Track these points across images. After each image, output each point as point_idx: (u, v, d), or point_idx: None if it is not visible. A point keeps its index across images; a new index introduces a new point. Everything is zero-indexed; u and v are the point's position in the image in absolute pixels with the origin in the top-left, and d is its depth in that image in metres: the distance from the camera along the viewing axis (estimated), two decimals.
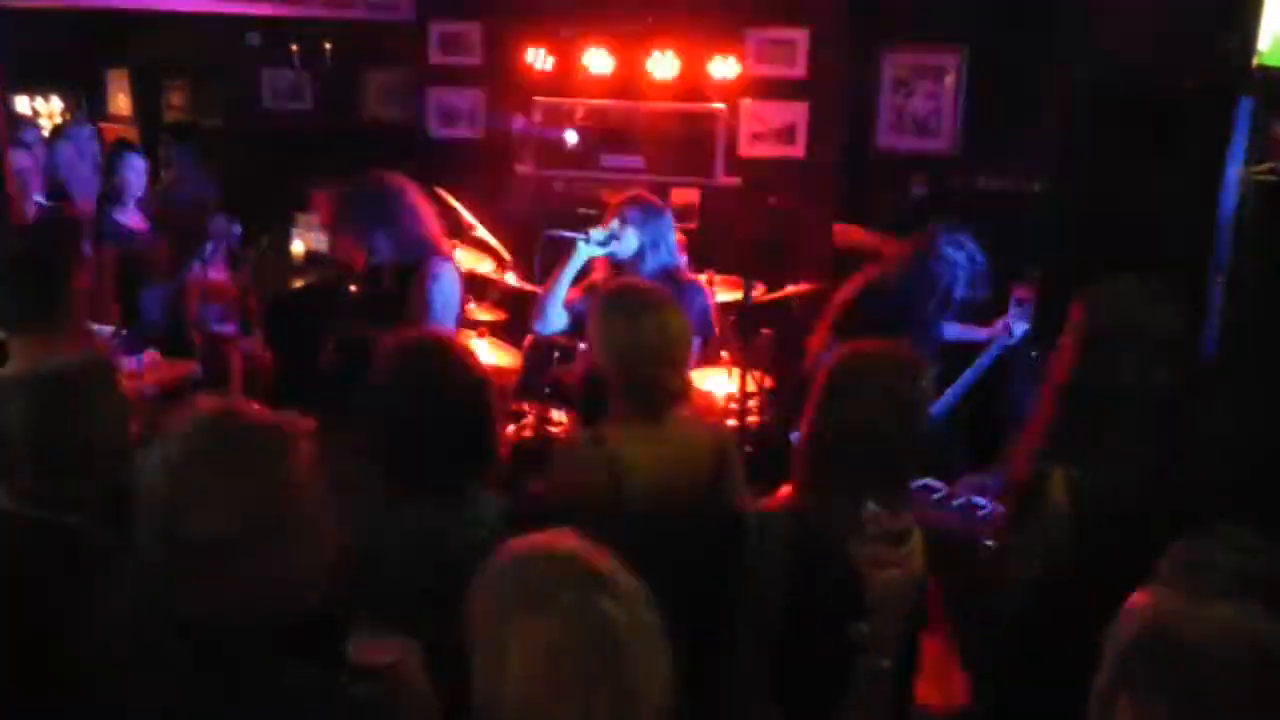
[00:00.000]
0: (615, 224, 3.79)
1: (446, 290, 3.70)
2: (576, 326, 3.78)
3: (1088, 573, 2.20)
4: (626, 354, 2.54)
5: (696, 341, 2.72)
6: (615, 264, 3.83)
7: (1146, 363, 2.30)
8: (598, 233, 3.79)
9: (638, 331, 2.53)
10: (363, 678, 1.63)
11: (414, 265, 3.69)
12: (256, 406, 1.71)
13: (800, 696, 1.98)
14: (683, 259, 4.53)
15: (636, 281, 3.18)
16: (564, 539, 1.44)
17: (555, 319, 3.84)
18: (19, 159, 5.16)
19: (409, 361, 2.39)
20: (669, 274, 3.80)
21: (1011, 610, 2.21)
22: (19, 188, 5.14)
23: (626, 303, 2.65)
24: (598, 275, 3.88)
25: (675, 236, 3.99)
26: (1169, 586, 1.46)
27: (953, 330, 4.38)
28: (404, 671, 1.71)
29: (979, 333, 4.36)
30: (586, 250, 3.78)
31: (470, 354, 2.47)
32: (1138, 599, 1.43)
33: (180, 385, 4.59)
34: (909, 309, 4.04)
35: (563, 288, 3.79)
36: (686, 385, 2.62)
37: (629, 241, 3.80)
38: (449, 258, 3.85)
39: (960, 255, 4.12)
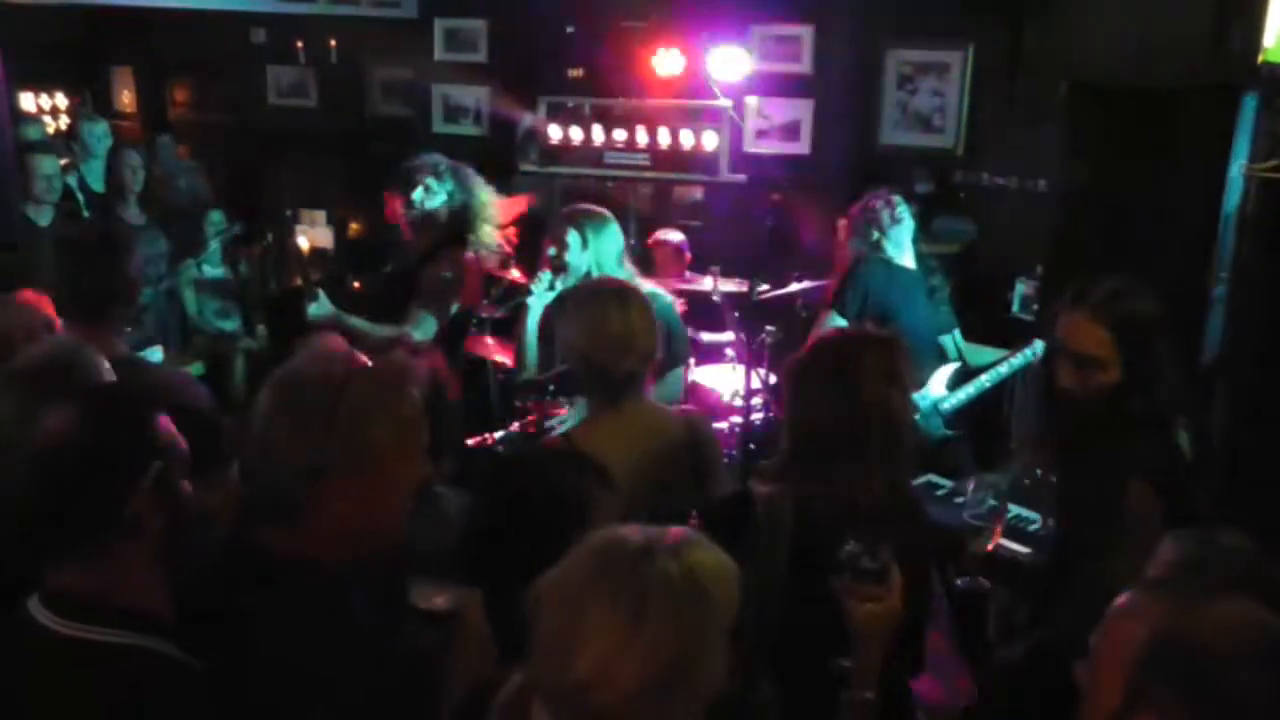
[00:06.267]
0: (552, 261, 3.90)
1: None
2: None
3: None
4: (589, 341, 2.55)
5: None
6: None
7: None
8: (539, 283, 3.91)
9: (602, 321, 2.54)
10: (427, 624, 1.63)
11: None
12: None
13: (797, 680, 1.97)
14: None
15: (606, 278, 3.21)
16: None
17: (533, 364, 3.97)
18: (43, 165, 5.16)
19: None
20: None
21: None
22: (40, 193, 5.14)
23: (593, 295, 2.68)
24: None
25: (622, 244, 4.00)
26: (1158, 589, 1.41)
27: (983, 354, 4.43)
28: (466, 618, 1.72)
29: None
30: (539, 301, 3.89)
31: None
32: (1123, 610, 1.34)
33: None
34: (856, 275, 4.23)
35: (532, 341, 3.94)
36: (645, 371, 2.61)
37: (576, 264, 3.86)
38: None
39: (885, 213, 4.24)
